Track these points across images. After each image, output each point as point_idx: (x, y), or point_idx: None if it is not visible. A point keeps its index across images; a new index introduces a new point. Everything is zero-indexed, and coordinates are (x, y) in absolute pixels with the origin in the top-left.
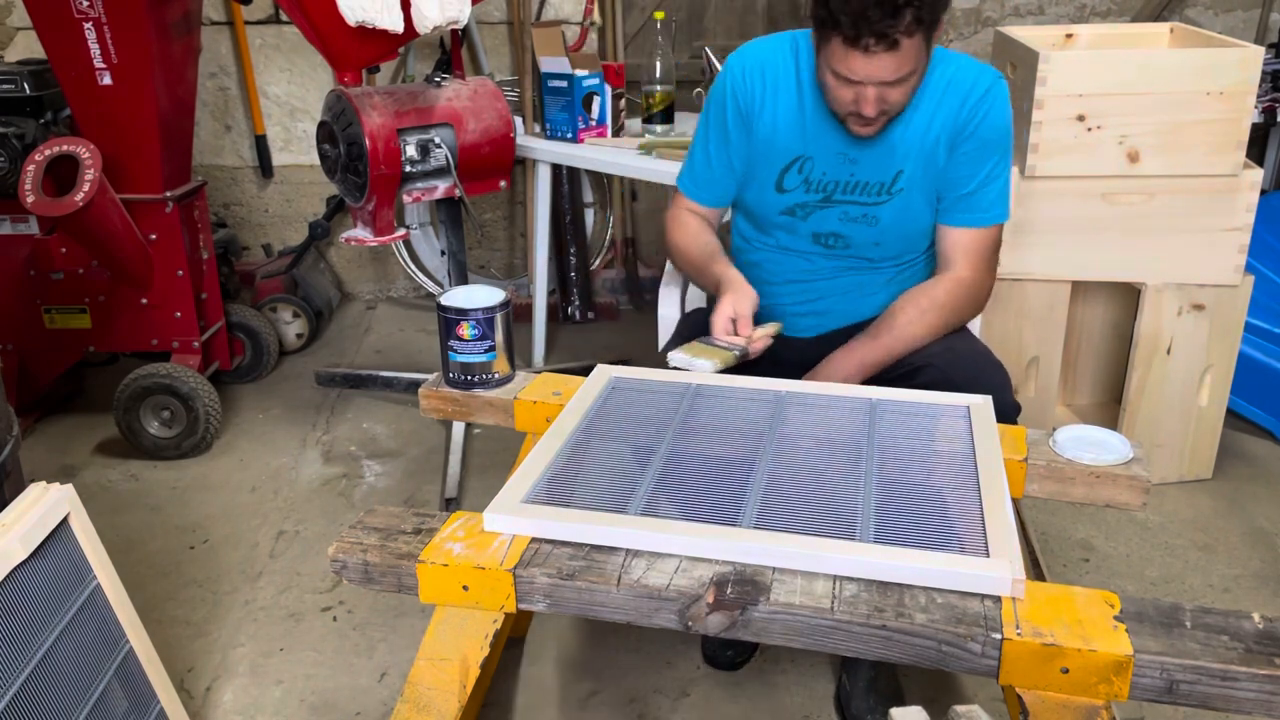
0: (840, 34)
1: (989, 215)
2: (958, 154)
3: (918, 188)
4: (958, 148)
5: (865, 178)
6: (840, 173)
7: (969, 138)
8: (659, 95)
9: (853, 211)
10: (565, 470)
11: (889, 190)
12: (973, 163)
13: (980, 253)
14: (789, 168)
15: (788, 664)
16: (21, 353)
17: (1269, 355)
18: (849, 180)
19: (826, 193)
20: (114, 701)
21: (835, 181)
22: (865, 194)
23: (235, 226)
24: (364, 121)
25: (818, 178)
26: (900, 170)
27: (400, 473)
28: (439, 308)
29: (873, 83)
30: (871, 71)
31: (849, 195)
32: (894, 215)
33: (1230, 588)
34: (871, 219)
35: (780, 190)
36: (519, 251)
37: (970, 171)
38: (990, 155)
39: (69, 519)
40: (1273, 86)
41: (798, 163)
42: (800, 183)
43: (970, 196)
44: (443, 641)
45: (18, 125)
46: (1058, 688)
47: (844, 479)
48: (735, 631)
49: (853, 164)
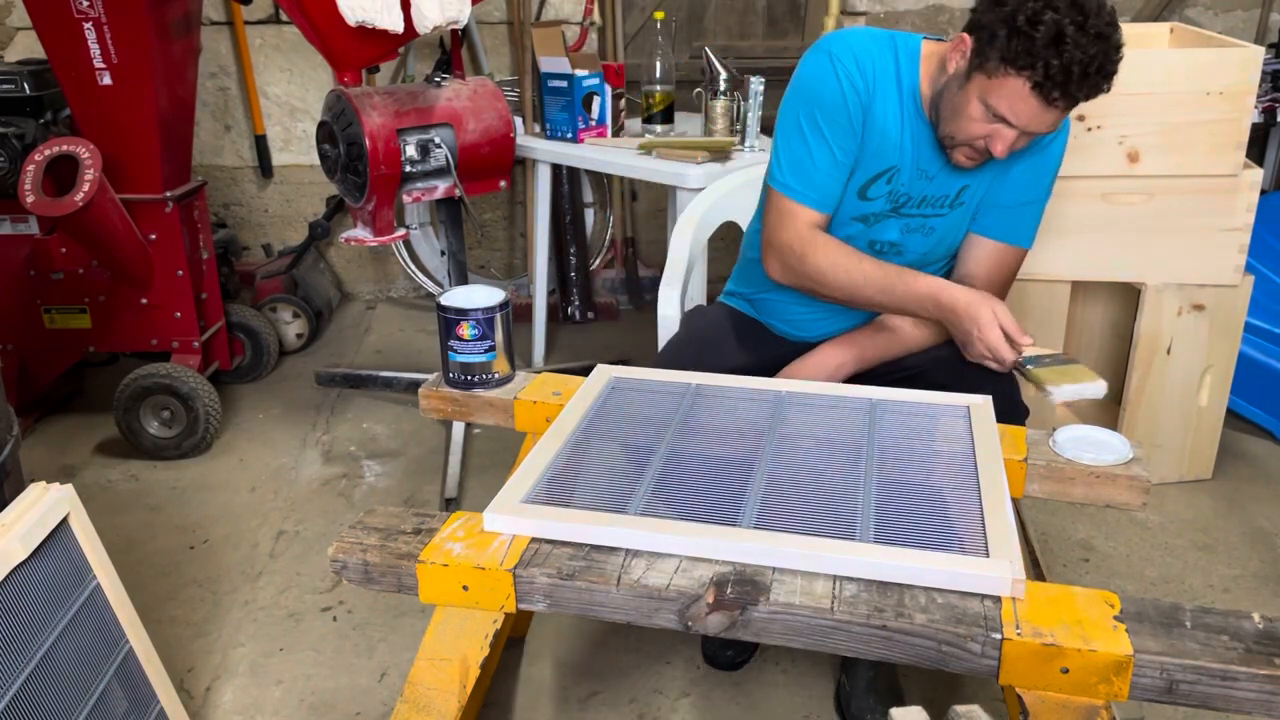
0: (1031, 79)
1: (1019, 236)
2: (1012, 171)
3: (974, 201)
4: (1014, 165)
5: (934, 192)
6: (917, 188)
7: (1030, 158)
8: (659, 95)
9: (913, 223)
10: (565, 470)
11: (951, 204)
12: (1025, 182)
13: (1002, 271)
14: (879, 176)
15: (788, 664)
16: (21, 353)
17: (1269, 355)
18: (920, 195)
19: (897, 204)
20: (114, 701)
21: (909, 195)
22: (929, 206)
23: (235, 226)
24: (364, 121)
25: (900, 190)
26: (966, 185)
27: (400, 473)
28: (439, 308)
29: (1026, 131)
30: (1037, 124)
31: (917, 209)
32: (948, 227)
33: (1230, 588)
34: (928, 229)
35: (863, 198)
36: (519, 251)
37: (1019, 188)
38: (1041, 180)
39: (69, 519)
40: (1273, 86)
41: (888, 173)
42: (885, 193)
43: (1009, 210)
44: (443, 641)
45: (18, 125)
46: (1058, 688)
47: (844, 479)
48: (735, 631)
49: (929, 180)
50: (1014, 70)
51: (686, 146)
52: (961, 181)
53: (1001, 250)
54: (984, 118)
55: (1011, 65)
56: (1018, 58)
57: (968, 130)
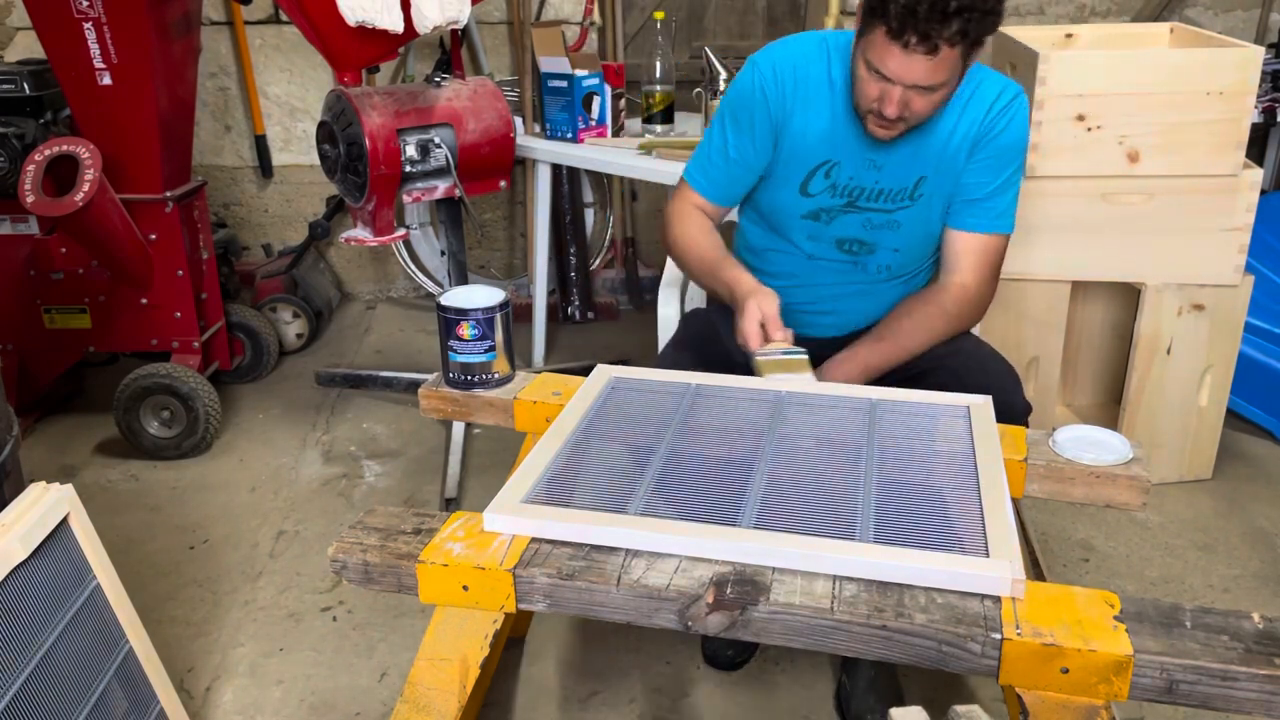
0: (885, 25)
1: (998, 223)
2: (975, 160)
3: (938, 194)
4: (976, 154)
5: (889, 184)
6: (865, 179)
7: (988, 144)
8: (659, 95)
9: (875, 219)
10: (565, 470)
11: (911, 196)
12: (989, 170)
13: (986, 259)
14: (815, 171)
15: (788, 664)
16: (21, 353)
17: (1269, 355)
18: (874, 187)
19: (851, 198)
20: (114, 701)
21: (861, 187)
22: (889, 200)
23: (235, 226)
24: (364, 121)
25: (844, 183)
26: (923, 176)
27: (400, 473)
28: (439, 308)
29: (902, 83)
30: (904, 72)
31: (873, 202)
32: (915, 221)
33: (1230, 588)
34: (894, 224)
35: (805, 194)
36: (519, 251)
37: (985, 178)
38: (1005, 166)
39: (69, 519)
40: (1273, 86)
41: (825, 167)
42: (826, 187)
43: (982, 202)
44: (443, 641)
45: (18, 125)
46: (1058, 688)
47: (844, 479)
48: (735, 631)
49: (878, 170)
50: (876, 22)
51: (686, 146)
52: (916, 172)
53: (982, 241)
54: (870, 79)
55: (872, 17)
56: (875, 9)
57: (865, 94)
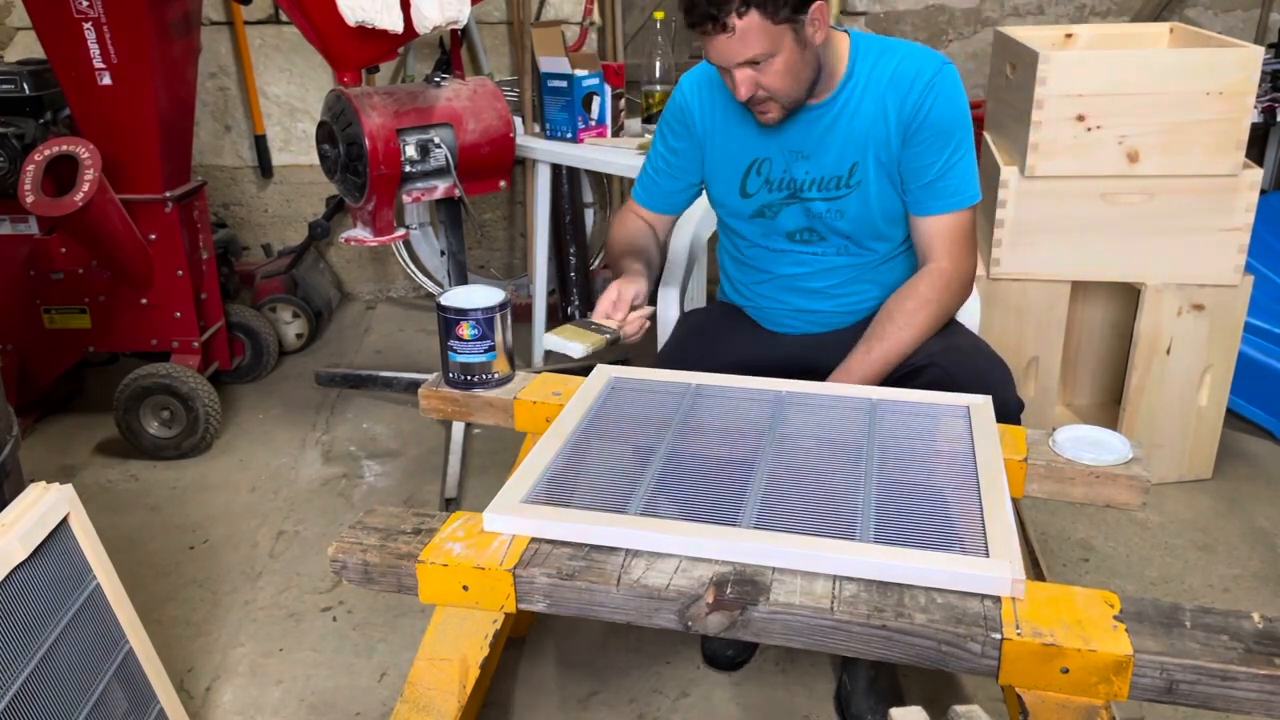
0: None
1: (956, 200)
2: (912, 145)
3: (876, 178)
4: (911, 139)
5: (821, 173)
6: (796, 170)
7: (920, 127)
8: (659, 95)
9: (816, 207)
10: (565, 470)
11: (847, 184)
12: (929, 151)
13: (955, 238)
14: (748, 171)
15: (788, 664)
16: (21, 353)
17: (1269, 355)
18: (805, 177)
19: (790, 190)
20: (114, 701)
21: (794, 179)
22: (825, 189)
23: (235, 226)
24: (364, 121)
25: (778, 176)
26: (855, 162)
27: (400, 473)
28: (439, 308)
29: (730, 66)
30: (721, 55)
31: (811, 191)
32: (858, 206)
33: (1230, 588)
34: (837, 212)
35: (745, 194)
36: (519, 251)
37: (928, 160)
38: (946, 142)
39: (69, 519)
40: (1272, 86)
41: (755, 165)
42: (761, 184)
43: (934, 184)
44: (442, 641)
45: (18, 125)
46: (1058, 688)
47: (844, 479)
48: (735, 631)
49: (806, 160)
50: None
51: None
52: (848, 159)
53: (946, 221)
54: (722, 74)
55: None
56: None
57: (730, 88)
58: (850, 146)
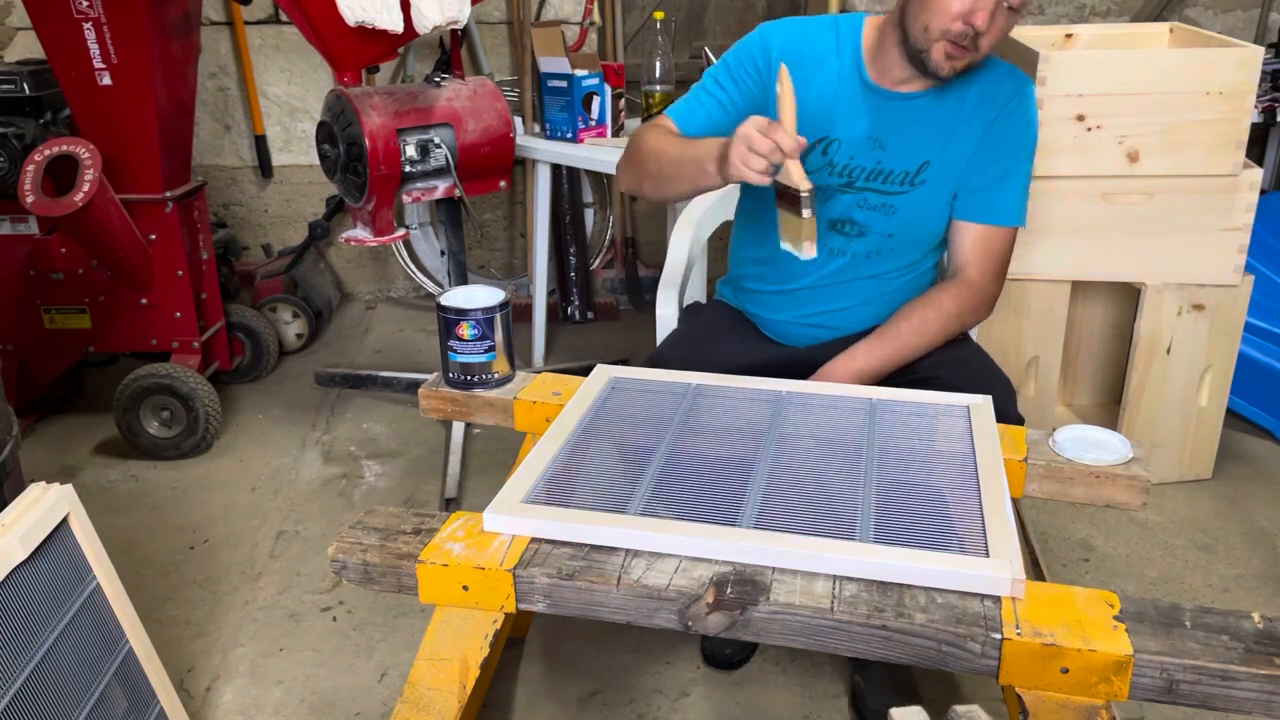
0: None
1: (1004, 215)
2: (981, 147)
3: (941, 182)
4: (983, 144)
5: (891, 166)
6: (867, 159)
7: (994, 131)
8: (659, 95)
9: (872, 199)
10: (565, 470)
11: (912, 181)
12: (993, 157)
13: (991, 254)
14: (813, 147)
15: (788, 664)
16: (21, 353)
17: (1269, 355)
18: (874, 167)
19: (850, 178)
20: (114, 701)
21: (861, 167)
22: (888, 183)
23: (235, 226)
24: (364, 121)
25: (843, 162)
26: (927, 161)
27: (400, 473)
28: (439, 308)
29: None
30: None
31: (871, 183)
32: (913, 207)
33: (1230, 588)
34: (890, 208)
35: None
36: (519, 251)
37: (989, 164)
38: (1011, 152)
39: (69, 519)
40: (1272, 86)
41: (822, 144)
42: (824, 164)
43: (988, 191)
44: (443, 641)
45: (18, 125)
46: (1058, 688)
47: (844, 479)
48: (735, 631)
49: (882, 149)
50: None
51: None
52: (921, 156)
53: (988, 233)
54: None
55: None
56: None
57: (945, 11)
58: (927, 145)
